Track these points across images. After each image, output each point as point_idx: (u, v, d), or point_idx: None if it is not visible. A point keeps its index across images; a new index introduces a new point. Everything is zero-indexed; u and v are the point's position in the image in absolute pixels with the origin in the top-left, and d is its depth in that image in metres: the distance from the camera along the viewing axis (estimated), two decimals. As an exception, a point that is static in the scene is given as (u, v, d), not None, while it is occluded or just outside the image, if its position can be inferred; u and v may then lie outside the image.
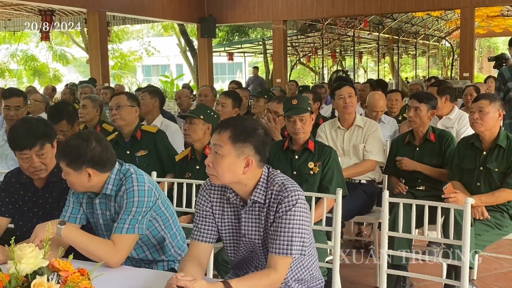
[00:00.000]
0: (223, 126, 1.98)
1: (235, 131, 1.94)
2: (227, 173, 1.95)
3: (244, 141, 1.93)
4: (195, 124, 3.51)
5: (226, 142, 1.94)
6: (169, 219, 2.46)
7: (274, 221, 1.97)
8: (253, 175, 1.99)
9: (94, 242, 2.20)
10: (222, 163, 1.94)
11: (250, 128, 1.96)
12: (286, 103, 3.43)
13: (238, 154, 1.93)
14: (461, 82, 11.21)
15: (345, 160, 4.01)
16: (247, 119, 2.02)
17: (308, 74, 29.46)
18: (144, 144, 3.84)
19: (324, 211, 2.86)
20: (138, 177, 2.33)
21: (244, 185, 2.01)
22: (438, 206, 2.59)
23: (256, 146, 1.95)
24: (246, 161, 1.95)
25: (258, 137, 1.96)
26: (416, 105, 3.77)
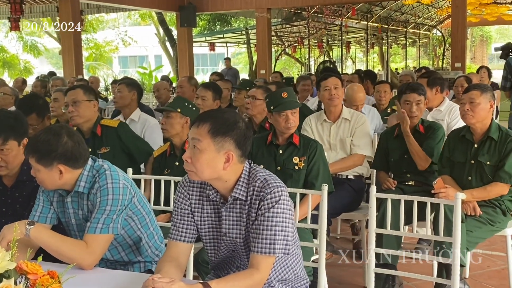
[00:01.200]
0: (202, 119, 1.96)
1: (214, 124, 1.93)
2: (206, 169, 1.94)
3: (224, 135, 1.93)
4: (172, 118, 3.49)
5: (205, 136, 1.93)
6: (145, 218, 2.45)
7: (256, 219, 1.97)
8: (234, 170, 1.99)
9: (65, 243, 2.18)
10: (201, 158, 1.93)
11: (231, 121, 1.95)
12: (275, 97, 3.39)
13: (217, 149, 1.93)
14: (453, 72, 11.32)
15: (331, 155, 4.02)
16: (227, 111, 2.01)
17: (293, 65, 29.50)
18: (105, 141, 3.76)
19: (309, 208, 2.87)
20: (112, 173, 2.31)
21: (224, 181, 2.00)
22: (428, 202, 2.60)
23: (237, 140, 1.94)
24: (226, 156, 1.94)
25: (239, 130, 1.95)
26: (418, 99, 3.79)
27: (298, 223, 2.87)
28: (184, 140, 3.49)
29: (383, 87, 5.86)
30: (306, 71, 20.51)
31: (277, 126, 3.36)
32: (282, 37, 22.37)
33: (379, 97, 5.78)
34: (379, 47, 26.64)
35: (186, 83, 5.92)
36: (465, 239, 3.03)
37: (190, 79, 6.05)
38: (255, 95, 4.21)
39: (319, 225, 2.72)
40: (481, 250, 3.75)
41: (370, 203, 2.68)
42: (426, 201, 2.61)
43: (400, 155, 3.84)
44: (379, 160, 4.00)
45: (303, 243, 2.73)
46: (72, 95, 3.75)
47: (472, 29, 33.89)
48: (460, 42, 12.41)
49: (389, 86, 5.91)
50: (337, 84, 4.08)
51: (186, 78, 6.08)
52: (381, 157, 3.97)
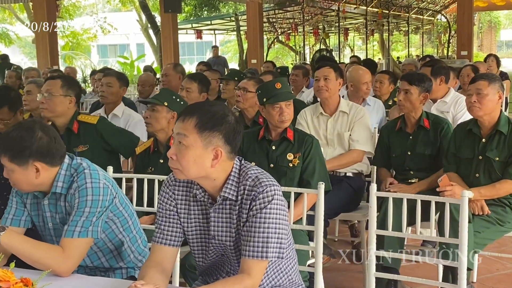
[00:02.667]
0: (188, 113, 1.96)
1: (201, 118, 1.93)
2: (193, 167, 1.94)
3: (212, 129, 1.92)
4: (158, 112, 3.48)
5: (191, 131, 1.92)
6: (128, 220, 2.44)
7: (248, 220, 1.97)
8: (223, 168, 1.99)
9: (40, 249, 2.17)
10: (187, 155, 1.93)
11: (219, 114, 1.94)
12: (267, 88, 3.39)
13: (205, 145, 1.92)
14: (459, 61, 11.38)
15: (328, 151, 4.03)
16: (215, 104, 2.01)
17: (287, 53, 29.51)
18: (83, 138, 3.73)
19: (304, 208, 2.87)
20: (91, 172, 2.30)
21: (212, 180, 2.00)
22: (432, 201, 2.62)
23: (226, 135, 1.94)
24: (214, 152, 1.94)
25: (228, 124, 1.95)
26: (406, 87, 3.80)
27: (293, 225, 2.88)
28: (169, 135, 3.49)
29: (379, 77, 5.88)
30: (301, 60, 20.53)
31: (271, 119, 3.36)
32: (275, 23, 22.34)
33: (375, 88, 5.81)
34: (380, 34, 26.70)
35: (171, 71, 5.86)
36: (472, 241, 3.04)
37: (176, 66, 5.98)
38: (246, 87, 4.21)
39: (315, 227, 2.73)
40: (490, 252, 3.77)
41: (370, 202, 2.70)
42: (430, 200, 2.62)
43: (402, 151, 3.85)
44: (380, 156, 4.01)
45: (298, 246, 2.74)
46: (48, 85, 3.72)
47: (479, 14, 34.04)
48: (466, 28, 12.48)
49: (386, 76, 5.92)
50: (328, 75, 4.08)
51: (171, 65, 6.01)
52: (382, 153, 3.99)
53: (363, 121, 4.09)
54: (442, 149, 3.70)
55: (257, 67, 11.73)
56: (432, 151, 3.77)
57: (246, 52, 16.62)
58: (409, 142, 3.83)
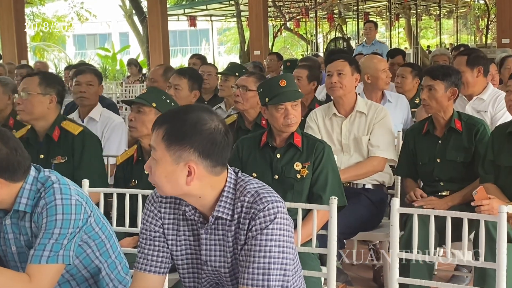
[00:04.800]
0: (158, 122, 1.99)
1: (169, 129, 1.94)
2: (166, 184, 1.97)
3: (180, 142, 1.93)
4: (145, 114, 3.49)
5: (159, 143, 1.95)
6: (105, 243, 2.45)
7: (246, 243, 1.97)
8: (208, 184, 1.99)
9: (3, 276, 2.17)
10: (157, 171, 1.96)
11: (190, 123, 1.94)
12: (270, 85, 3.39)
13: (174, 160, 1.94)
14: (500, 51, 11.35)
15: (343, 158, 4.03)
16: (193, 110, 2.00)
17: (297, 43, 29.53)
18: (62, 148, 3.73)
19: (314, 228, 2.87)
20: (62, 187, 2.31)
21: (197, 197, 2.01)
22: (464, 218, 2.62)
23: (200, 148, 1.93)
24: (187, 168, 1.95)
25: (201, 135, 1.93)
26: (430, 83, 3.80)
27: (301, 247, 2.88)
28: (156, 142, 3.49)
29: (400, 71, 5.89)
30: (313, 51, 20.55)
31: (274, 123, 3.36)
32: (282, 7, 22.39)
33: (396, 84, 5.80)
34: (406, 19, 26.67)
35: (160, 76, 5.62)
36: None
37: (167, 71, 5.68)
38: (246, 85, 4.21)
39: (327, 249, 2.73)
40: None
41: (391, 220, 2.70)
42: (462, 216, 2.62)
43: (431, 158, 3.85)
44: (404, 164, 4.01)
45: (308, 273, 2.75)
46: (25, 83, 3.74)
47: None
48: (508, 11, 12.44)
49: (409, 69, 5.93)
50: (342, 70, 4.09)
51: (161, 69, 5.79)
52: (407, 160, 3.98)
53: (385, 123, 4.09)
54: (478, 155, 3.70)
55: (261, 59, 11.74)
56: (466, 158, 3.76)
57: (248, 42, 16.65)
58: (439, 148, 3.83)
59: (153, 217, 2.12)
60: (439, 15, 26.77)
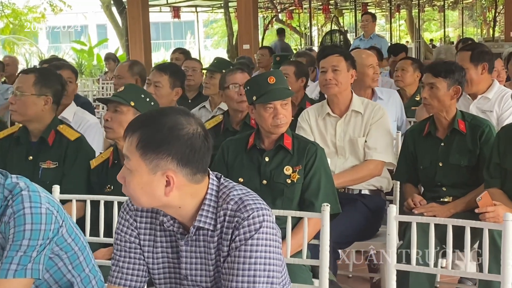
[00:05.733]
0: (130, 128, 1.97)
1: (143, 136, 1.93)
2: (142, 196, 1.96)
3: (157, 150, 1.91)
4: (122, 114, 3.49)
5: (133, 152, 1.94)
6: (78, 255, 2.44)
7: (229, 255, 1.97)
8: (188, 194, 1.99)
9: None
10: (132, 181, 1.95)
11: (166, 128, 1.93)
12: (258, 83, 3.39)
13: (151, 169, 1.93)
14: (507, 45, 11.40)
15: (338, 162, 4.03)
16: (169, 113, 1.98)
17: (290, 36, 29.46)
18: (55, 153, 3.73)
19: (305, 237, 2.87)
20: (31, 194, 2.30)
21: (177, 208, 2.01)
22: (467, 226, 2.63)
23: (179, 156, 1.92)
24: (165, 178, 1.94)
25: (180, 141, 1.92)
26: (431, 81, 3.80)
27: (291, 258, 2.88)
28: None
29: (400, 64, 5.92)
30: (307, 45, 20.55)
31: (262, 123, 3.36)
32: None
33: (395, 78, 5.83)
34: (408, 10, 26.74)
35: (126, 72, 5.54)
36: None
37: (133, 66, 5.64)
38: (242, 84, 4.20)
39: (320, 260, 2.73)
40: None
41: (388, 228, 2.71)
42: (465, 225, 2.63)
43: (432, 162, 3.86)
44: (404, 168, 4.02)
45: (298, 286, 2.75)
46: (20, 81, 3.75)
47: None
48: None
49: (409, 62, 5.96)
50: (337, 65, 4.09)
51: (126, 64, 5.75)
52: (407, 164, 4.00)
53: (382, 123, 4.09)
54: (483, 159, 3.71)
55: (250, 54, 11.73)
56: (470, 161, 3.78)
57: (237, 35, 16.63)
58: (441, 151, 3.84)
59: (128, 227, 2.12)
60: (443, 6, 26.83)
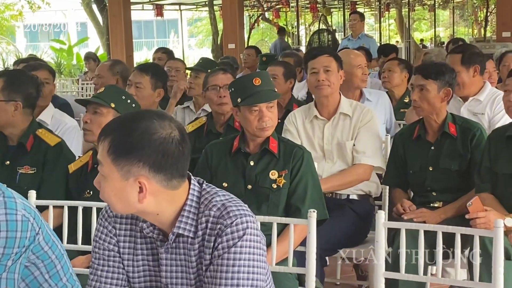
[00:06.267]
0: (103, 133, 1.98)
1: (114, 141, 1.92)
2: (116, 202, 1.96)
3: (127, 155, 1.91)
4: (102, 116, 3.48)
5: (105, 157, 1.94)
6: (56, 264, 2.41)
7: (212, 263, 1.97)
8: (166, 200, 1.98)
9: None
10: (106, 187, 1.96)
11: (137, 133, 1.92)
12: (243, 84, 3.39)
13: (123, 175, 1.92)
14: (499, 45, 11.46)
15: (326, 166, 4.04)
16: (142, 117, 1.97)
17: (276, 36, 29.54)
18: (34, 158, 3.72)
19: (290, 244, 2.87)
20: (6, 200, 2.28)
21: (154, 214, 2.00)
22: (457, 233, 2.63)
23: (151, 161, 1.91)
24: (138, 184, 1.94)
25: (151, 146, 1.91)
26: (421, 82, 3.81)
27: (276, 266, 2.87)
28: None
29: (387, 65, 5.95)
30: (294, 45, 20.59)
31: (247, 126, 3.36)
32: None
33: (382, 79, 5.85)
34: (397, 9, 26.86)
35: (106, 71, 5.56)
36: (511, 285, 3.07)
37: (114, 65, 5.66)
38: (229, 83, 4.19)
39: (306, 268, 2.73)
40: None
41: (376, 235, 2.71)
42: (455, 231, 2.64)
43: (422, 166, 3.86)
44: (393, 173, 4.03)
45: (283, 295, 2.74)
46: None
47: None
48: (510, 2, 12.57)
49: (396, 62, 5.99)
50: (329, 66, 4.09)
51: (108, 63, 5.76)
52: (396, 168, 4.00)
53: (371, 126, 4.10)
54: (474, 163, 3.72)
55: (235, 54, 11.73)
56: (461, 166, 3.78)
57: (222, 34, 16.63)
58: (431, 155, 3.85)
59: (107, 234, 2.11)
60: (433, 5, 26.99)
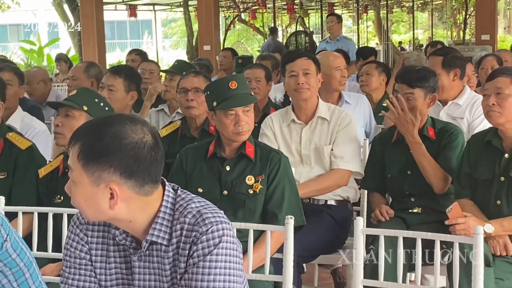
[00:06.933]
0: (73, 137, 1.97)
1: (84, 146, 1.91)
2: (87, 209, 1.95)
3: (98, 161, 1.89)
4: (74, 119, 3.47)
5: (75, 163, 1.93)
6: (24, 272, 2.40)
7: (187, 271, 1.96)
8: (139, 207, 1.97)
9: None
10: (76, 193, 1.95)
11: (108, 138, 1.90)
12: (219, 87, 3.38)
13: (93, 181, 1.91)
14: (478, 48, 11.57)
15: (303, 171, 4.04)
16: (113, 121, 1.95)
17: (253, 37, 29.61)
18: (4, 163, 3.69)
19: (267, 251, 2.87)
20: (-28, 206, 2.26)
21: (127, 222, 1.99)
22: (436, 240, 2.64)
23: (122, 167, 1.90)
24: (109, 190, 1.92)
25: (122, 151, 1.90)
26: (407, 91, 3.83)
27: (253, 274, 2.87)
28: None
29: (366, 67, 5.97)
30: (271, 47, 20.61)
31: (223, 130, 3.36)
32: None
33: (360, 82, 5.88)
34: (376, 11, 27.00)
35: (81, 74, 5.54)
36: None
37: (89, 67, 5.64)
38: (199, 87, 4.16)
39: (283, 276, 2.72)
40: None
41: (355, 242, 2.71)
42: (434, 238, 2.64)
43: (401, 170, 3.87)
44: (371, 177, 4.04)
45: (259, 303, 2.74)
46: None
47: (507, -16, 34.71)
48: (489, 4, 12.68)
49: (373, 65, 6.02)
50: (308, 69, 4.09)
51: (83, 65, 5.72)
52: (375, 173, 4.01)
53: (349, 131, 4.11)
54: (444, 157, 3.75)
55: (211, 56, 11.72)
56: (438, 167, 3.80)
57: (197, 36, 16.61)
58: (410, 158, 3.84)
59: (79, 242, 2.09)
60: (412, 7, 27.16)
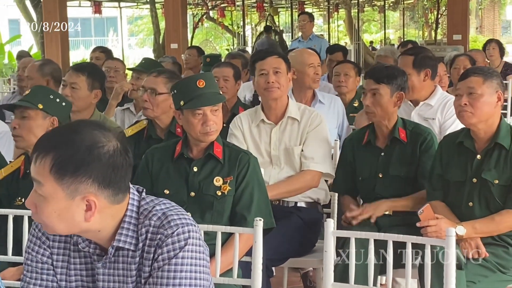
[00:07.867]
0: (41, 149, 1.89)
1: (58, 159, 1.85)
2: (58, 223, 1.90)
3: (75, 173, 1.85)
4: (31, 119, 3.46)
5: (47, 177, 1.86)
6: (-17, 276, 2.38)
7: (152, 276, 1.95)
8: (109, 215, 1.95)
9: None
10: (46, 208, 1.88)
11: (84, 148, 1.86)
12: (186, 86, 3.38)
13: (69, 195, 1.87)
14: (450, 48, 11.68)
15: (273, 172, 4.04)
16: (84, 129, 1.91)
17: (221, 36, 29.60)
18: None
19: (235, 254, 2.87)
20: None
21: (96, 231, 1.96)
22: (408, 242, 2.65)
23: (101, 177, 1.87)
24: (86, 202, 1.89)
25: (101, 161, 1.87)
26: (373, 87, 3.83)
27: (220, 278, 2.86)
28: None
29: (343, 68, 5.97)
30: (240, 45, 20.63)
31: (190, 130, 3.35)
32: (204, -6, 22.40)
33: (337, 83, 5.88)
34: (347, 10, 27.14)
35: (35, 72, 5.45)
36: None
37: (44, 65, 5.54)
38: (155, 87, 4.11)
39: (251, 279, 2.72)
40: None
41: (325, 244, 2.71)
42: (406, 240, 2.65)
43: (372, 172, 3.88)
44: (342, 179, 4.04)
45: (227, 308, 2.73)
46: None
47: (478, -15, 35.11)
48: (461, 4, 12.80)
49: (351, 66, 6.03)
50: (279, 67, 4.10)
51: (37, 64, 5.61)
52: (345, 175, 4.02)
53: (320, 131, 4.12)
54: (422, 168, 3.75)
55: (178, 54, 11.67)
56: (410, 172, 3.80)
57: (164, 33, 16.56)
58: (381, 161, 3.86)
59: (40, 245, 2.07)
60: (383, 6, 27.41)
